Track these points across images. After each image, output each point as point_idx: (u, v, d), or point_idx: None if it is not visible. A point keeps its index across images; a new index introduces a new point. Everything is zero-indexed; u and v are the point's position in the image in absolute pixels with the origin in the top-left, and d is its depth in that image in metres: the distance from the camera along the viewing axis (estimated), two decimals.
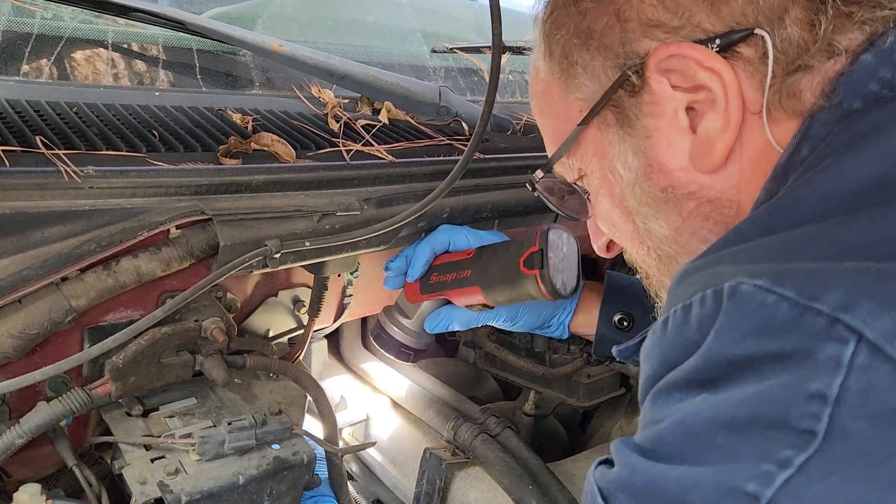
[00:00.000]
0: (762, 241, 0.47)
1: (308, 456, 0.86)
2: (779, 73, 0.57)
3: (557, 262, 0.98)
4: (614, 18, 0.62)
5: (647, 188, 0.65)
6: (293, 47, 1.12)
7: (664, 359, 0.48)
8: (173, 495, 0.76)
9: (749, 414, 0.42)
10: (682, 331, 0.47)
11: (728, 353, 0.43)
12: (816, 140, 0.55)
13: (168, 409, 0.88)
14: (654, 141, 0.62)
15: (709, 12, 0.58)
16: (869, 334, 0.38)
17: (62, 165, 0.79)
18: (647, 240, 0.69)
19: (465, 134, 1.20)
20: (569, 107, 0.68)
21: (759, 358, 0.42)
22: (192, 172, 0.87)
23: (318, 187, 0.97)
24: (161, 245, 0.85)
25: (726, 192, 0.62)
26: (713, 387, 0.44)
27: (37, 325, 0.78)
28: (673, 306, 0.48)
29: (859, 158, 0.50)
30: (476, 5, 1.86)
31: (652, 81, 0.60)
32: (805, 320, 0.40)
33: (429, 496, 1.04)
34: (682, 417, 0.45)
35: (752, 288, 0.43)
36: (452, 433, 1.07)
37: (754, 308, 0.42)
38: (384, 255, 1.11)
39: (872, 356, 0.38)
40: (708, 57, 0.58)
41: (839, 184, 0.49)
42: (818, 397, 0.39)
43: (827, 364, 0.39)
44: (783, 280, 0.42)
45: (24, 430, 0.76)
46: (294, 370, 0.96)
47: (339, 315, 1.13)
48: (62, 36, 1.09)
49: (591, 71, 0.65)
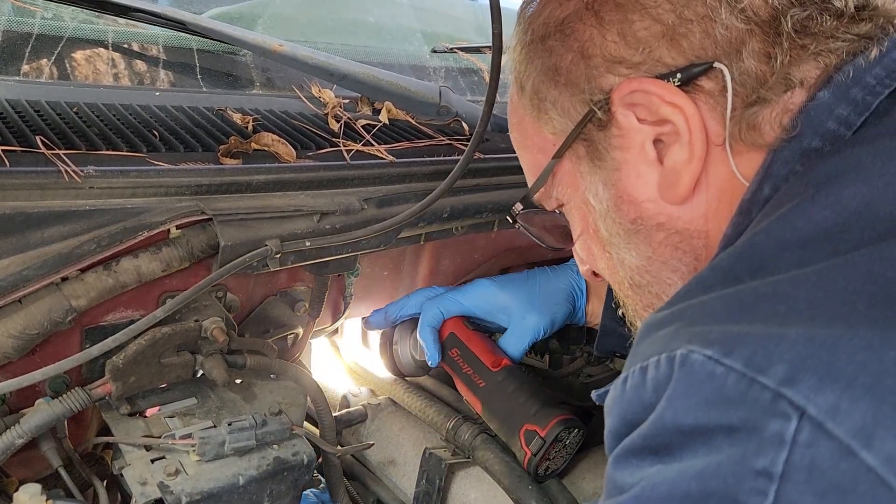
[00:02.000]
0: (718, 295, 0.48)
1: (308, 456, 0.85)
2: (738, 105, 0.58)
3: (553, 453, 1.00)
4: (579, 55, 0.64)
5: (618, 219, 0.66)
6: (293, 47, 1.12)
7: (623, 416, 0.49)
8: (173, 496, 0.76)
9: (701, 489, 0.42)
10: (638, 391, 0.47)
11: (679, 422, 0.44)
12: (778, 179, 0.56)
13: (168, 409, 0.87)
14: (623, 173, 0.64)
15: (669, 47, 0.59)
16: (811, 410, 0.38)
17: (62, 165, 0.79)
18: (619, 269, 0.70)
19: (465, 134, 1.20)
20: (542, 140, 0.70)
21: (710, 429, 0.42)
22: (193, 172, 0.87)
23: (319, 187, 0.97)
24: (161, 245, 0.85)
25: (694, 222, 0.63)
26: (667, 455, 0.45)
27: (37, 325, 0.78)
28: (633, 365, 0.49)
29: (811, 208, 0.50)
30: (476, 5, 1.86)
31: (619, 115, 0.62)
32: (751, 394, 0.40)
33: (429, 496, 1.04)
34: (639, 491, 0.46)
35: (702, 358, 0.43)
36: (452, 433, 1.07)
37: (703, 378, 0.42)
38: (384, 255, 1.12)
39: (815, 433, 0.38)
40: (669, 92, 0.59)
41: (793, 234, 0.49)
42: (764, 474, 0.39)
43: (772, 440, 0.39)
44: (732, 349, 0.42)
45: (24, 430, 0.76)
46: (294, 370, 0.96)
47: (339, 315, 1.13)
48: (62, 36, 1.09)
49: (559, 106, 0.66)
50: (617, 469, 0.49)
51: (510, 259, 1.31)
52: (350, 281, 1.09)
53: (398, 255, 1.15)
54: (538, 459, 0.98)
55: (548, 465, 1.00)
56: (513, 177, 1.15)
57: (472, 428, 1.07)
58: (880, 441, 0.36)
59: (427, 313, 1.09)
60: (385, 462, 1.14)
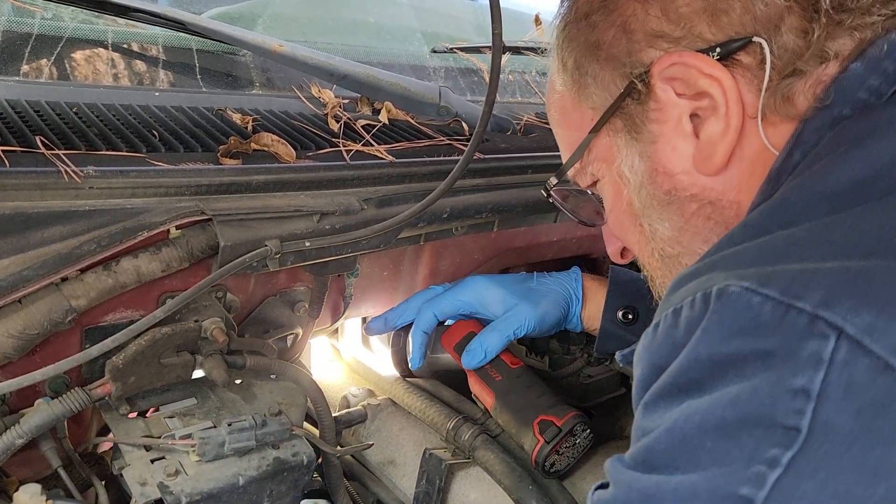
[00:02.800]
0: (752, 244, 0.49)
1: (308, 457, 0.86)
2: (775, 77, 0.59)
3: (563, 448, 1.00)
4: (621, 30, 0.65)
5: (653, 191, 0.67)
6: (293, 47, 1.12)
7: (652, 362, 0.49)
8: (173, 496, 0.76)
9: (736, 415, 0.42)
10: (670, 333, 0.48)
11: (713, 353, 0.44)
12: (808, 145, 0.57)
13: (168, 409, 0.87)
14: (660, 146, 0.65)
15: (709, 23, 0.61)
16: (849, 329, 0.39)
17: (62, 165, 0.79)
18: (651, 241, 0.71)
19: (465, 134, 1.20)
20: (581, 116, 0.71)
21: (743, 357, 0.42)
22: (192, 172, 0.87)
23: (318, 187, 0.97)
24: (161, 245, 0.85)
25: (727, 193, 0.64)
26: (699, 389, 0.45)
27: (37, 325, 0.78)
28: (664, 311, 0.49)
29: (844, 163, 0.51)
30: (476, 5, 1.86)
31: (657, 89, 0.63)
32: (788, 319, 0.41)
33: (429, 496, 1.04)
34: (671, 425, 0.46)
35: (739, 289, 0.44)
36: (452, 433, 1.07)
37: (740, 308, 0.43)
38: (384, 255, 1.11)
39: (853, 351, 0.39)
40: (708, 65, 0.60)
41: (825, 186, 0.50)
42: (801, 393, 0.40)
43: (809, 360, 0.40)
44: (768, 281, 0.43)
45: (24, 431, 0.76)
46: (294, 370, 0.96)
47: (339, 315, 1.13)
48: (62, 36, 1.09)
49: (600, 81, 0.68)
50: (645, 416, 0.49)
51: (510, 259, 1.31)
52: (350, 281, 1.09)
53: (398, 256, 1.15)
54: (549, 449, 0.98)
55: (554, 462, 1.00)
56: (513, 177, 1.15)
57: (473, 428, 1.07)
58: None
59: (421, 317, 1.11)
60: (385, 462, 1.14)
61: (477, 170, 1.11)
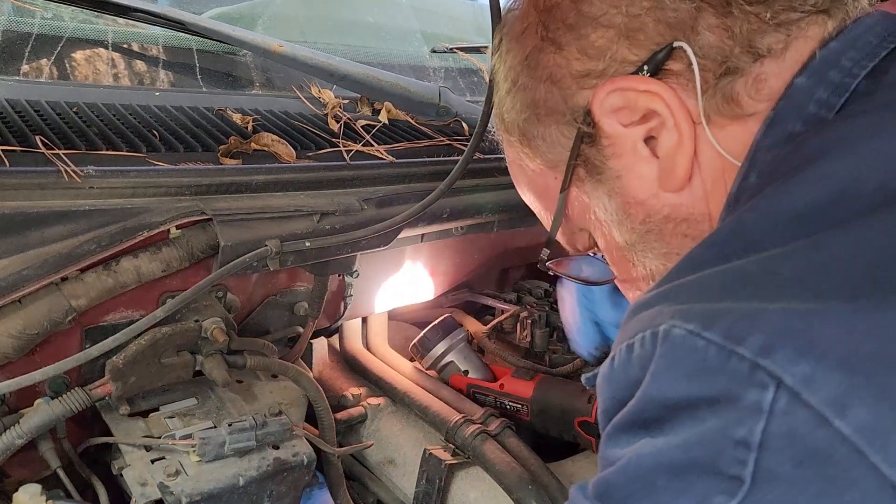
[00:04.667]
0: (705, 275, 0.48)
1: (308, 457, 0.86)
2: (710, 79, 0.59)
3: None
4: (549, 83, 0.66)
5: (630, 225, 0.67)
6: (293, 47, 1.12)
7: (612, 395, 0.50)
8: (173, 496, 0.76)
9: (685, 458, 0.43)
10: (625, 369, 0.48)
11: (664, 396, 0.44)
12: (763, 165, 0.57)
13: (168, 409, 0.87)
14: (625, 179, 0.65)
15: (628, 45, 0.61)
16: (787, 380, 0.39)
17: (62, 165, 0.79)
18: (647, 277, 0.70)
19: (465, 134, 1.20)
20: (545, 180, 0.72)
21: (693, 401, 0.43)
22: (193, 172, 0.87)
23: (318, 187, 0.97)
24: (161, 245, 0.85)
25: (696, 206, 0.64)
26: (655, 429, 0.45)
27: (37, 325, 0.78)
28: (620, 343, 0.49)
29: (801, 183, 0.51)
30: (476, 5, 1.86)
31: (604, 125, 0.63)
32: (730, 365, 0.41)
33: (429, 496, 1.03)
34: (627, 462, 0.46)
35: (684, 332, 0.43)
36: (452, 433, 1.07)
37: (685, 352, 0.43)
38: (384, 255, 1.11)
39: (792, 402, 0.39)
40: (642, 82, 0.60)
41: (779, 211, 0.50)
42: (742, 444, 0.40)
43: (750, 409, 0.40)
44: (712, 323, 0.42)
45: (24, 431, 0.76)
46: (294, 370, 0.96)
47: (340, 315, 1.13)
48: (62, 36, 1.09)
49: (549, 139, 0.68)
50: (608, 446, 0.50)
51: (510, 259, 1.31)
52: (350, 281, 1.09)
53: (398, 255, 1.15)
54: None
55: None
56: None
57: (473, 428, 1.06)
58: (853, 410, 0.37)
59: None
60: (385, 462, 1.14)
61: (477, 170, 1.11)
